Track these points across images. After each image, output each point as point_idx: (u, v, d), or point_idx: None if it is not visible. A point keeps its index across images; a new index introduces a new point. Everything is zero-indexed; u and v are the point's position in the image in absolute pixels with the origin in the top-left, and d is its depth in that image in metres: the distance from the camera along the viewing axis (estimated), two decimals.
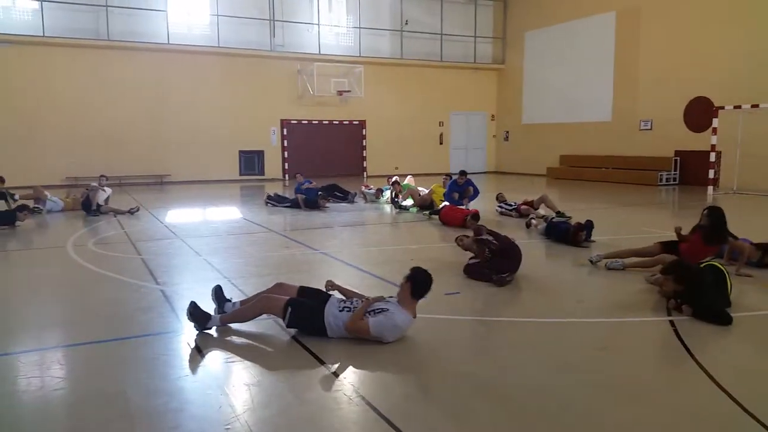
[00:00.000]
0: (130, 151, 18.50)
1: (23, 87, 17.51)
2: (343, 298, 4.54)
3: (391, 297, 4.40)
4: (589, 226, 8.19)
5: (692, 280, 4.99)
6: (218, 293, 4.78)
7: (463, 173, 12.52)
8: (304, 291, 4.63)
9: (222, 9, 19.66)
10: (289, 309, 4.32)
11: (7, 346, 4.34)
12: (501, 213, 11.37)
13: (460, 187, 12.28)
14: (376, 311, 4.23)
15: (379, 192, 13.83)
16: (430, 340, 4.42)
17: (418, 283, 4.28)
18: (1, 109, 17.30)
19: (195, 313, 4.48)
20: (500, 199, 11.87)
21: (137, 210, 11.70)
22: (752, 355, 4.27)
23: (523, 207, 10.89)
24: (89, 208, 11.40)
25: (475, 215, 9.80)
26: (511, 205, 11.29)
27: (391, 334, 4.20)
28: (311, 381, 3.73)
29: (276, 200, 12.81)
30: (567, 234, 8.19)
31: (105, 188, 12.08)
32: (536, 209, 10.77)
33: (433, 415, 3.25)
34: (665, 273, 5.18)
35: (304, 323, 4.38)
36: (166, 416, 3.24)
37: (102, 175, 12.65)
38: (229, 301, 4.78)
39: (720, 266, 5.32)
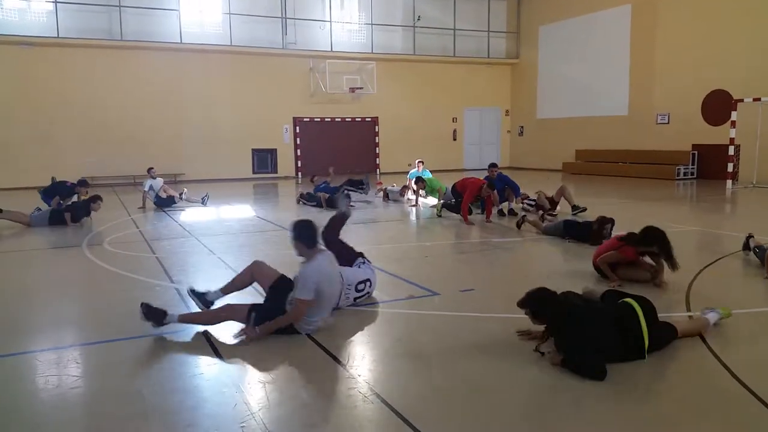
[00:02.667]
0: (144, 150, 18.59)
1: (39, 88, 17.68)
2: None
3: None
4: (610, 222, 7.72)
5: (556, 318, 3.84)
6: (195, 293, 4.78)
7: (493, 165, 11.22)
8: (280, 281, 4.62)
9: (234, 7, 19.70)
10: (253, 314, 4.33)
11: (25, 345, 4.37)
12: (532, 204, 10.72)
13: (495, 183, 10.57)
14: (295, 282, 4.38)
15: (405, 189, 13.10)
16: (445, 338, 4.38)
17: (304, 235, 4.39)
18: (19, 110, 17.50)
19: (148, 313, 4.43)
20: (524, 196, 11.15)
21: (207, 197, 12.80)
22: None
23: (539, 200, 10.52)
24: (170, 202, 12.30)
25: (491, 183, 9.81)
26: (533, 201, 10.74)
27: (318, 279, 4.26)
28: (327, 379, 3.71)
29: (307, 199, 12.74)
30: (589, 230, 7.72)
31: (155, 180, 12.73)
32: (557, 202, 10.58)
33: (449, 414, 3.22)
34: (521, 306, 3.98)
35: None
36: (181, 414, 3.24)
37: (150, 168, 13.32)
38: (206, 294, 4.75)
39: (633, 304, 3.98)
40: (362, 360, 3.99)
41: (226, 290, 4.78)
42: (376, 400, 3.35)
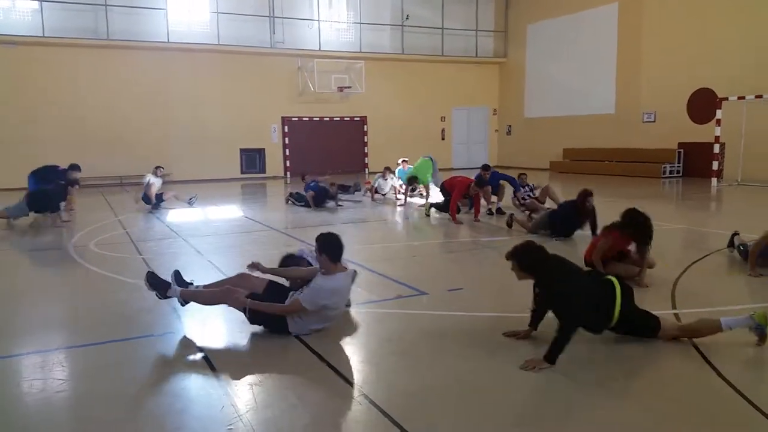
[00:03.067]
0: (131, 150, 18.47)
1: (24, 87, 17.50)
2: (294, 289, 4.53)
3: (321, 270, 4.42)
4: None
5: (543, 279, 4.01)
6: (178, 277, 4.72)
7: (486, 168, 11.29)
8: (270, 287, 4.59)
9: (222, 6, 19.60)
10: (248, 300, 4.37)
11: (10, 348, 4.33)
12: (522, 203, 10.65)
13: (490, 181, 10.63)
14: (304, 288, 4.34)
15: (386, 171, 13.26)
16: (433, 337, 4.38)
17: (330, 249, 4.32)
18: (3, 109, 17.31)
19: (153, 281, 4.52)
20: (522, 182, 11.05)
21: (195, 198, 12.77)
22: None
23: (528, 202, 10.64)
24: (149, 201, 12.04)
25: (480, 181, 9.82)
26: (532, 191, 10.77)
27: (329, 300, 4.25)
28: (314, 380, 3.70)
29: (296, 198, 12.71)
30: (573, 208, 7.84)
31: (156, 178, 12.47)
32: (542, 203, 10.63)
33: (436, 414, 3.23)
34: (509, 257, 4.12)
35: (265, 321, 4.41)
36: (169, 417, 3.22)
37: (158, 166, 12.86)
38: (191, 284, 4.73)
39: (614, 281, 4.08)
40: (350, 360, 4.00)
41: (186, 295, 4.62)
42: (364, 400, 3.35)
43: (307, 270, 4.75)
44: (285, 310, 4.29)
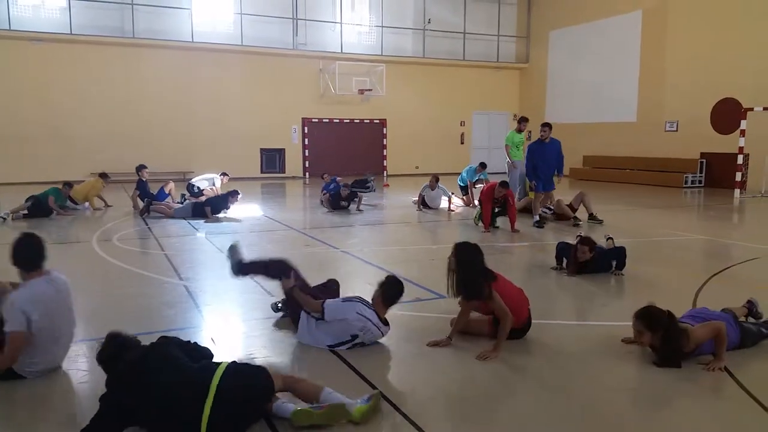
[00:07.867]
0: (154, 148, 18.70)
1: (51, 84, 17.82)
2: None
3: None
4: (620, 253, 6.46)
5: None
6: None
7: (547, 126, 10.06)
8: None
9: (246, 8, 19.80)
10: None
11: None
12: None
13: (548, 147, 9.64)
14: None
15: (434, 181, 12.07)
16: (453, 342, 4.39)
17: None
18: (30, 106, 17.63)
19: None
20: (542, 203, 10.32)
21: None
22: None
23: (558, 207, 10.34)
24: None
25: (504, 182, 9.54)
26: (551, 208, 10.48)
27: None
28: (333, 380, 3.72)
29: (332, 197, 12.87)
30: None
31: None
32: (575, 210, 10.32)
33: (457, 418, 3.24)
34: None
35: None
36: None
37: (224, 172, 13.97)
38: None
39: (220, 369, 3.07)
40: (369, 361, 4.02)
41: None
42: (384, 403, 3.37)
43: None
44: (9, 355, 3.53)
